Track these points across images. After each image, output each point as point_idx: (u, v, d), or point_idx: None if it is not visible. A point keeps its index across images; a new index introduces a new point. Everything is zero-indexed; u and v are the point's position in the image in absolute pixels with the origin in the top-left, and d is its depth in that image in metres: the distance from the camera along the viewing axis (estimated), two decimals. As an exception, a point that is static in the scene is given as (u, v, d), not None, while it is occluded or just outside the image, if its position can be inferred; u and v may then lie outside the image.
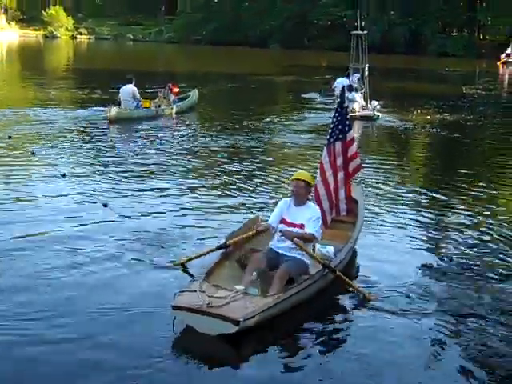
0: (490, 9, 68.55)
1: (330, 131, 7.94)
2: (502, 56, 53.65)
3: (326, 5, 72.23)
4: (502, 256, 8.31)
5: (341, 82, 20.90)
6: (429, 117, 21.53)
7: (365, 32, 22.57)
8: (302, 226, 6.85)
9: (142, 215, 9.32)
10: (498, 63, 52.71)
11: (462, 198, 11.21)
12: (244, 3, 77.19)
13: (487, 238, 9.01)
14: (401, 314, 6.40)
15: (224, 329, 5.64)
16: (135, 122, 18.47)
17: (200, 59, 51.60)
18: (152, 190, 10.94)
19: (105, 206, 9.58)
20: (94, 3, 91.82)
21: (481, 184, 12.35)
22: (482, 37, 72.08)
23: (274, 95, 28.62)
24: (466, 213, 10.20)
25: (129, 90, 18.96)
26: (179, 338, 5.80)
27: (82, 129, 16.96)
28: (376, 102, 21.38)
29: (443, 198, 11.24)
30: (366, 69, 22.16)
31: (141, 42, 77.62)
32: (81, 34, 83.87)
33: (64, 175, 11.54)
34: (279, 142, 16.42)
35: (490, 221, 9.86)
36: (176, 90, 20.91)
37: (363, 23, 23.34)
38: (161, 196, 10.61)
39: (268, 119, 20.07)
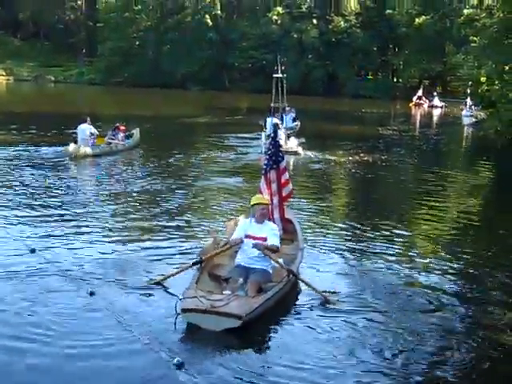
0: (401, 54, 71.70)
1: (265, 161, 9.48)
2: (414, 98, 56.22)
3: (246, 48, 73.88)
4: (410, 279, 9.07)
5: (271, 120, 22.14)
6: (348, 156, 22.42)
7: (284, 75, 23.86)
8: (265, 239, 8.16)
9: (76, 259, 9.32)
10: (411, 105, 55.21)
11: (378, 232, 11.93)
12: (164, 47, 77.85)
13: (399, 266, 9.81)
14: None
15: (229, 324, 6.83)
16: (94, 159, 19.66)
17: (122, 101, 51.65)
18: (87, 233, 11.08)
19: (32, 251, 9.42)
20: (13, 44, 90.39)
21: (394, 219, 13.15)
22: (395, 80, 75.24)
23: (194, 137, 29.06)
24: (381, 245, 10.94)
25: (86, 128, 20.10)
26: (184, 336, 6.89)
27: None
28: (295, 140, 22.53)
29: (360, 233, 11.93)
30: (287, 109, 23.54)
31: (62, 83, 76.88)
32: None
33: None
34: (205, 183, 16.87)
35: (401, 251, 10.65)
36: (123, 128, 21.92)
37: (283, 67, 24.47)
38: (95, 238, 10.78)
39: (192, 160, 20.61)
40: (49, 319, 7.11)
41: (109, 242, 10.47)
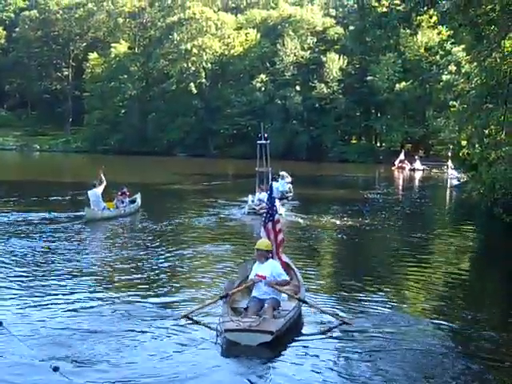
0: (383, 119, 72.93)
1: (264, 215, 11.85)
2: (396, 162, 56.90)
3: (231, 115, 75.08)
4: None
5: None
6: (334, 220, 22.40)
7: (268, 142, 24.32)
8: (264, 277, 9.98)
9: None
10: (393, 168, 55.85)
11: (363, 296, 11.94)
12: (150, 115, 78.90)
13: (386, 327, 9.77)
14: None
15: (263, 339, 8.59)
16: (106, 222, 20.72)
17: (110, 168, 51.80)
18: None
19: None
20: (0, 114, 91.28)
21: (380, 282, 13.17)
22: (379, 144, 76.35)
23: (182, 203, 29.10)
24: (368, 308, 10.95)
25: (97, 193, 21.10)
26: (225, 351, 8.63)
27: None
28: (278, 202, 22.80)
29: (346, 295, 11.93)
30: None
31: (47, 151, 77.29)
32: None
33: None
34: (194, 249, 16.75)
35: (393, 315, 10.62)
36: (128, 193, 23.52)
37: (266, 134, 24.88)
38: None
39: (181, 226, 20.71)
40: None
41: (85, 314, 10.30)
